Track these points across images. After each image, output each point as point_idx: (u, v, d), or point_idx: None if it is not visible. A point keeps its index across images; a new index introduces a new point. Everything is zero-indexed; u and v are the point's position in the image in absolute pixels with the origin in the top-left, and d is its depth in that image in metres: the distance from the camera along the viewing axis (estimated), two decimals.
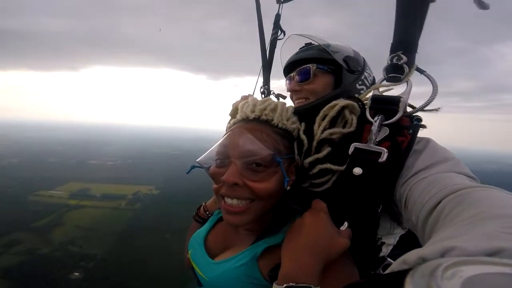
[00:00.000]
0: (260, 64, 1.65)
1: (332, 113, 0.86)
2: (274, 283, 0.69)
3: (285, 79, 1.28)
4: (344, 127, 0.86)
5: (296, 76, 1.14)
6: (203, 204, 1.29)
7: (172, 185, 66.70)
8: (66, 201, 55.19)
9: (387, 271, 0.36)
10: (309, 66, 1.10)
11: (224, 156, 0.82)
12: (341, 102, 0.87)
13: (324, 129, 0.87)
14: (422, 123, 0.83)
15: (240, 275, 0.82)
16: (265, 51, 1.62)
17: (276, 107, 0.90)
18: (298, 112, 0.96)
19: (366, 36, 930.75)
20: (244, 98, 1.16)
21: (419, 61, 0.84)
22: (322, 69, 1.09)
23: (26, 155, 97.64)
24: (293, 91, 1.16)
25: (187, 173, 0.99)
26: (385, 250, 0.99)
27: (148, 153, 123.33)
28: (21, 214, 45.83)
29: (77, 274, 30.93)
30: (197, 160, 0.99)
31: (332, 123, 0.88)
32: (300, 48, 1.24)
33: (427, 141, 0.82)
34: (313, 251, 0.70)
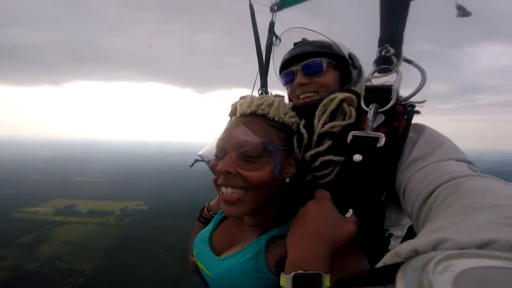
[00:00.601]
0: (255, 70, 1.67)
1: (332, 106, 0.88)
2: (281, 274, 0.67)
3: (280, 74, 1.27)
4: (344, 119, 0.89)
5: (303, 70, 1.12)
6: (207, 205, 1.32)
7: (161, 200, 65.65)
8: (51, 217, 53.51)
9: (378, 264, 0.35)
10: (320, 59, 1.09)
11: (222, 148, 0.85)
12: (340, 95, 0.89)
13: (325, 123, 0.89)
14: (416, 109, 0.88)
15: (246, 269, 0.82)
16: (261, 55, 1.66)
17: (272, 102, 0.92)
18: (309, 106, 0.96)
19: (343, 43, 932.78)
20: (243, 98, 1.19)
21: (406, 53, 0.86)
22: (332, 63, 1.10)
23: (8, 172, 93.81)
24: (301, 85, 1.13)
25: (191, 166, 1.07)
26: (394, 243, 1.00)
27: (135, 168, 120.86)
28: (4, 230, 44.15)
29: None
30: (198, 153, 1.07)
31: (332, 117, 0.90)
32: (295, 44, 1.26)
33: (423, 127, 0.86)
34: (320, 238, 0.69)
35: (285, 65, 1.21)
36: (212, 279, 0.90)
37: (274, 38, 1.68)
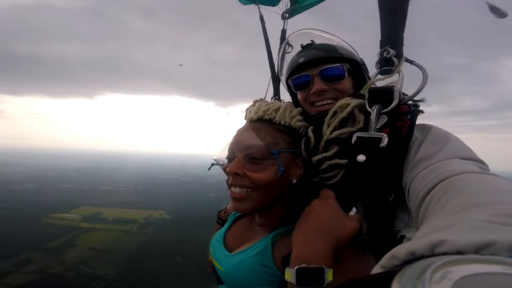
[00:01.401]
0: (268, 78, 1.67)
1: (344, 114, 0.89)
2: (286, 268, 0.70)
3: (288, 78, 1.19)
4: (353, 125, 0.89)
5: (322, 75, 1.04)
6: (224, 207, 1.37)
7: (183, 211, 66.02)
8: (79, 224, 54.91)
9: (376, 267, 0.35)
10: (342, 65, 1.04)
11: (232, 152, 0.92)
12: (353, 102, 0.90)
13: (334, 129, 0.89)
14: (420, 108, 0.87)
15: (254, 264, 0.85)
16: (273, 63, 1.63)
17: (279, 107, 0.96)
18: (326, 115, 0.97)
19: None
20: (256, 101, 1.32)
21: (408, 53, 0.91)
22: (350, 69, 1.06)
23: (41, 181, 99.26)
24: (322, 91, 1.04)
25: (208, 169, 1.24)
26: None
27: (159, 179, 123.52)
28: (34, 235, 45.50)
29: None
30: (213, 158, 1.17)
31: (342, 123, 0.90)
32: (304, 46, 1.16)
33: (430, 127, 0.85)
34: (324, 234, 0.70)
35: (297, 69, 1.12)
36: (224, 274, 0.96)
37: (286, 46, 1.63)
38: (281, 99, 1.58)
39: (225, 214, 1.32)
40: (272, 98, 1.60)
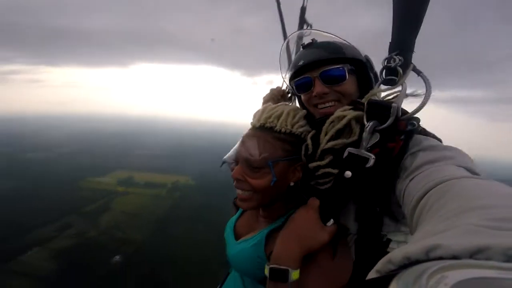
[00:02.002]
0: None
1: (339, 126, 0.89)
2: (265, 264, 0.88)
3: (291, 80, 1.17)
4: (349, 136, 0.89)
5: (322, 77, 1.02)
6: None
7: (208, 177, 68.46)
8: (113, 188, 59.60)
9: (371, 272, 0.36)
10: (342, 66, 1.01)
11: (237, 157, 1.02)
12: (350, 114, 0.89)
13: (330, 139, 0.91)
14: (416, 125, 0.83)
15: (251, 253, 1.00)
16: (288, 46, 1.58)
17: (281, 113, 0.99)
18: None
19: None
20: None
21: (416, 60, 0.85)
22: (352, 69, 1.03)
23: (80, 144, 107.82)
24: (323, 94, 1.03)
25: (220, 167, 1.37)
26: (396, 246, 0.98)
27: (186, 145, 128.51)
28: (72, 199, 50.48)
29: (117, 258, 33.13)
30: (223, 158, 1.35)
31: (338, 134, 0.91)
32: (304, 46, 1.13)
33: (425, 139, 0.83)
34: (297, 241, 0.86)
35: (298, 71, 1.10)
36: (230, 258, 1.11)
37: (305, 26, 1.68)
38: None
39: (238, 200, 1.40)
40: (286, 87, 1.51)
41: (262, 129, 0.98)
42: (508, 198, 0.45)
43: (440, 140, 0.87)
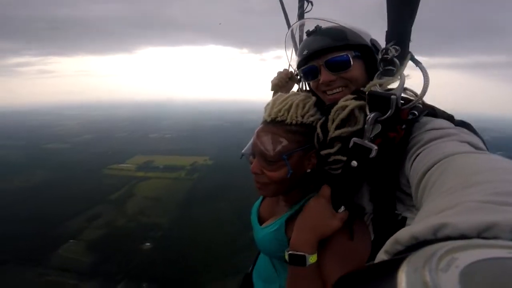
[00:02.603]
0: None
1: (342, 115, 0.91)
2: (285, 250, 0.97)
3: (298, 68, 1.21)
4: (354, 124, 0.91)
5: (327, 65, 1.04)
6: None
7: (225, 156, 68.68)
8: (134, 174, 60.82)
9: (380, 253, 0.35)
10: (347, 53, 1.03)
11: (253, 151, 1.09)
12: (352, 103, 0.90)
13: (336, 128, 0.93)
14: (417, 115, 0.85)
15: (272, 238, 1.11)
16: (293, 31, 1.56)
17: (291, 106, 1.00)
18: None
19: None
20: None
21: (414, 48, 0.85)
22: (357, 55, 1.04)
23: (98, 131, 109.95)
24: (330, 82, 1.06)
25: (240, 158, 1.46)
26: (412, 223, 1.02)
27: (200, 125, 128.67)
28: (99, 188, 51.80)
29: (148, 244, 33.96)
30: (242, 151, 1.44)
31: (344, 122, 0.92)
32: (309, 33, 1.14)
33: (430, 119, 0.85)
34: (310, 229, 0.94)
35: (304, 60, 1.14)
36: (257, 243, 1.23)
37: (305, 4, 1.64)
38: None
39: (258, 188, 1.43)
40: (294, 71, 1.50)
41: (274, 123, 1.01)
42: (509, 171, 0.45)
43: (451, 117, 0.89)
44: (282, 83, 1.51)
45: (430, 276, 0.20)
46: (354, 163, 0.84)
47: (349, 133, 0.90)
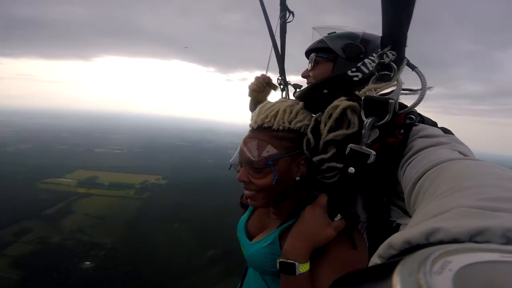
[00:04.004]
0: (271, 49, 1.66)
1: (335, 114, 0.90)
2: (277, 259, 0.95)
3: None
4: (348, 127, 0.90)
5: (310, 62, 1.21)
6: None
7: (180, 176, 66.45)
8: (74, 189, 55.14)
9: (373, 257, 0.36)
10: (312, 55, 1.19)
11: (240, 160, 1.07)
12: (343, 103, 0.90)
13: (330, 130, 0.92)
14: (415, 119, 0.84)
15: (266, 252, 1.06)
16: (274, 38, 1.63)
17: (277, 112, 1.01)
18: (298, 97, 1.17)
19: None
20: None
21: (410, 54, 0.84)
22: (322, 57, 1.17)
23: (35, 142, 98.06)
24: (304, 78, 1.26)
25: (229, 169, 1.45)
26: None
27: (155, 143, 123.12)
28: (31, 202, 45.71)
29: (88, 263, 30.69)
30: (230, 161, 1.45)
31: (337, 124, 0.92)
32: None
33: (422, 128, 0.85)
34: (304, 238, 0.92)
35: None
36: (247, 258, 1.18)
37: (287, 15, 1.65)
38: (287, 80, 1.64)
39: (247, 199, 1.36)
40: (278, 79, 1.63)
41: (260, 129, 1.01)
42: (499, 177, 0.46)
43: (436, 124, 0.93)
44: (259, 88, 1.57)
45: (424, 279, 0.20)
46: (352, 169, 0.83)
47: (344, 136, 0.89)
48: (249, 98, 1.66)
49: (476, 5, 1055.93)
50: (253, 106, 1.66)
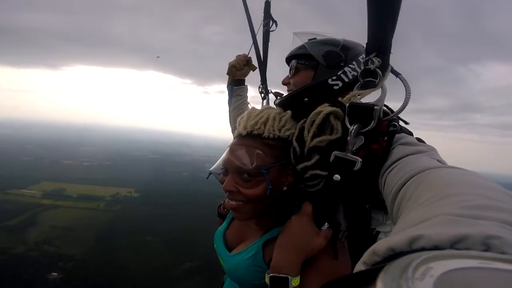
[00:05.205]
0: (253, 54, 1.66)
1: (318, 120, 0.90)
2: (266, 273, 0.89)
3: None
4: (331, 133, 0.89)
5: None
6: (222, 202, 1.46)
7: (153, 189, 65.03)
8: (39, 201, 52.48)
9: (358, 264, 0.36)
10: (293, 62, 1.18)
11: (226, 168, 1.01)
12: (326, 109, 0.89)
13: (313, 137, 0.91)
14: (398, 126, 0.84)
15: (249, 264, 1.01)
16: (257, 45, 1.64)
17: (267, 119, 0.99)
18: (279, 105, 1.14)
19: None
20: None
21: (394, 61, 0.83)
22: (303, 64, 1.15)
23: None
24: (284, 85, 1.25)
25: (207, 178, 1.33)
26: (383, 237, 1.04)
27: (128, 155, 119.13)
28: None
29: (55, 274, 29.29)
30: (210, 169, 1.30)
31: (320, 130, 0.91)
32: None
33: (402, 136, 0.85)
34: (294, 249, 0.87)
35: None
36: (227, 271, 1.12)
37: (271, 23, 1.65)
38: (268, 88, 1.61)
39: (224, 209, 1.40)
40: (259, 88, 1.63)
41: (250, 136, 0.97)
42: (479, 185, 0.47)
43: (412, 134, 0.94)
44: (239, 65, 1.59)
45: (406, 284, 0.21)
46: (337, 177, 0.81)
47: (327, 142, 0.88)
48: (227, 108, 1.74)
49: (441, 19, 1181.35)
50: (230, 84, 1.72)
